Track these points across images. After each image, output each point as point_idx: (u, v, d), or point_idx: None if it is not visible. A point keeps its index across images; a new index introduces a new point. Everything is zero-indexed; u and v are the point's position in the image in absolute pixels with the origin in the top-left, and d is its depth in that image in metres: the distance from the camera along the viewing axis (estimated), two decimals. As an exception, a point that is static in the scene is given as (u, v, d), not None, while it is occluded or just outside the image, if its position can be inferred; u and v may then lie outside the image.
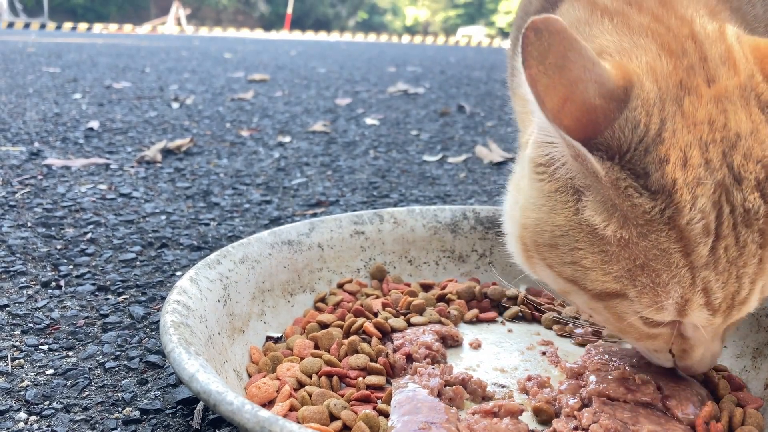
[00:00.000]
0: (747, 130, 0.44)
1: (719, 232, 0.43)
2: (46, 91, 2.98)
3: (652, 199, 0.44)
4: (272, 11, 24.54)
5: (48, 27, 15.05)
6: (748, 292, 0.45)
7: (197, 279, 0.65)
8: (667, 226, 0.44)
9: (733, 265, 0.44)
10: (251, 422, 0.43)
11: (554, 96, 0.43)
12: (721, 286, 0.44)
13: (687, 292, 0.45)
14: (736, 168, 0.44)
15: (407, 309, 0.74)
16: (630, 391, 0.56)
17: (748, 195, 0.43)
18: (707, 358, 0.52)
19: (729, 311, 0.46)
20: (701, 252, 0.43)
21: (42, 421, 0.60)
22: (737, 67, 0.46)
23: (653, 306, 0.46)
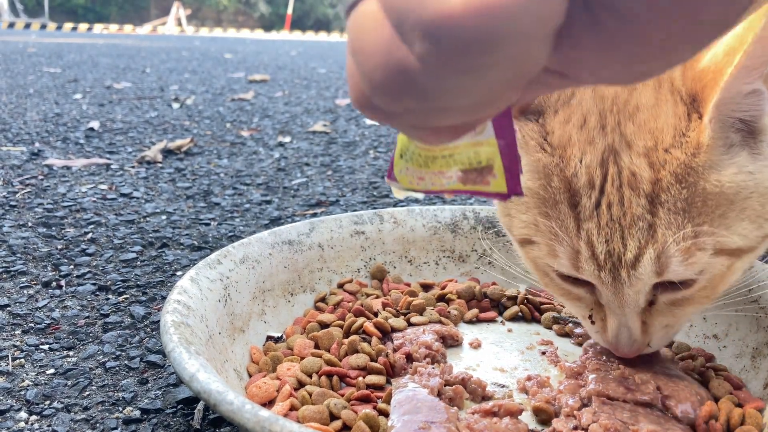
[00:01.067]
0: (648, 105, 0.48)
1: (603, 188, 0.48)
2: (47, 91, 2.98)
3: (551, 154, 0.50)
4: (272, 12, 24.53)
5: (48, 27, 15.05)
6: (635, 255, 0.48)
7: (198, 279, 0.65)
8: (558, 178, 0.49)
9: (617, 223, 0.48)
10: (251, 422, 0.43)
11: None
12: (603, 240, 0.48)
13: (574, 242, 0.49)
14: (629, 135, 0.48)
15: (407, 309, 0.74)
16: (630, 390, 0.56)
17: (635, 159, 0.47)
18: (624, 334, 0.54)
19: (617, 271, 0.49)
20: (585, 203, 0.48)
21: (42, 421, 0.60)
22: None
23: (551, 252, 0.51)
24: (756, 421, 0.54)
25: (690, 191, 0.47)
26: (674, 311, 0.53)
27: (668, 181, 0.47)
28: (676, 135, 0.47)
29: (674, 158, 0.47)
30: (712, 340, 0.70)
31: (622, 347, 0.55)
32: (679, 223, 0.47)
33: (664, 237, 0.47)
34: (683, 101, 0.48)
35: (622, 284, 0.50)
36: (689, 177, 0.47)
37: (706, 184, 0.47)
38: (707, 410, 0.54)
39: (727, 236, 0.48)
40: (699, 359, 0.66)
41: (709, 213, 0.47)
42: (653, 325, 0.54)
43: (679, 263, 0.48)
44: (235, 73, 4.30)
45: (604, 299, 0.53)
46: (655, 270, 0.48)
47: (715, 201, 0.47)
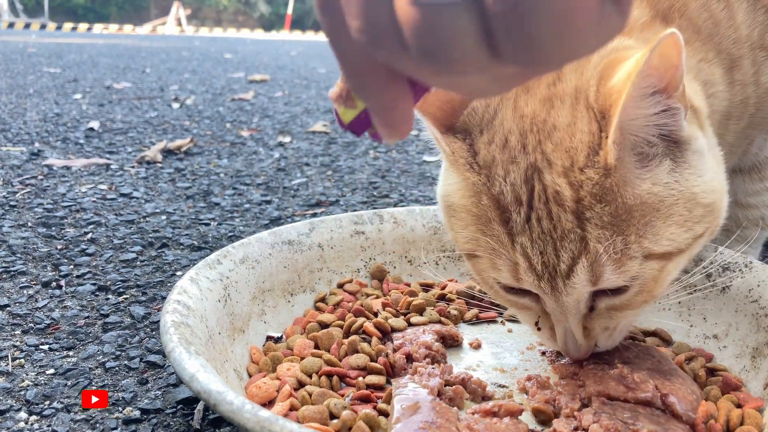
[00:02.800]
0: (564, 123, 0.49)
1: (531, 203, 0.50)
2: (47, 91, 2.98)
3: (478, 173, 0.52)
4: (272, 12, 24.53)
5: (48, 27, 15.05)
6: (568, 266, 0.49)
7: (198, 279, 0.65)
8: (487, 196, 0.51)
9: (548, 236, 0.49)
10: (251, 422, 0.43)
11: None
12: (537, 252, 0.50)
13: (511, 255, 0.51)
14: (548, 153, 0.49)
15: (407, 309, 0.74)
16: (629, 389, 0.56)
17: (556, 179, 0.49)
18: (571, 339, 0.56)
19: (554, 280, 0.51)
20: (515, 219, 0.50)
21: (42, 421, 0.60)
22: (583, 73, 0.52)
23: (493, 266, 0.53)
24: (756, 421, 0.54)
25: (612, 207, 0.48)
26: (614, 315, 0.55)
27: (589, 201, 0.48)
28: (590, 153, 0.48)
29: (588, 179, 0.48)
30: (712, 340, 0.70)
31: (571, 351, 0.57)
32: (607, 236, 0.48)
33: (595, 249, 0.48)
34: (596, 118, 0.49)
35: (560, 293, 0.51)
36: (607, 196, 0.48)
37: (624, 199, 0.48)
38: (704, 411, 0.54)
39: (655, 242, 0.49)
40: (699, 359, 0.66)
41: (635, 223, 0.48)
42: (594, 329, 0.56)
43: (611, 272, 0.49)
44: (235, 73, 4.30)
45: (548, 307, 0.55)
46: (590, 279, 0.50)
47: (639, 212, 0.48)
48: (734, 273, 0.71)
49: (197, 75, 4.13)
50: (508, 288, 0.55)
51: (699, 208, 0.51)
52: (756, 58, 0.67)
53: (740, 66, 0.66)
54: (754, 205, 0.82)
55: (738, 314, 0.68)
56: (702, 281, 0.73)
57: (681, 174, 0.50)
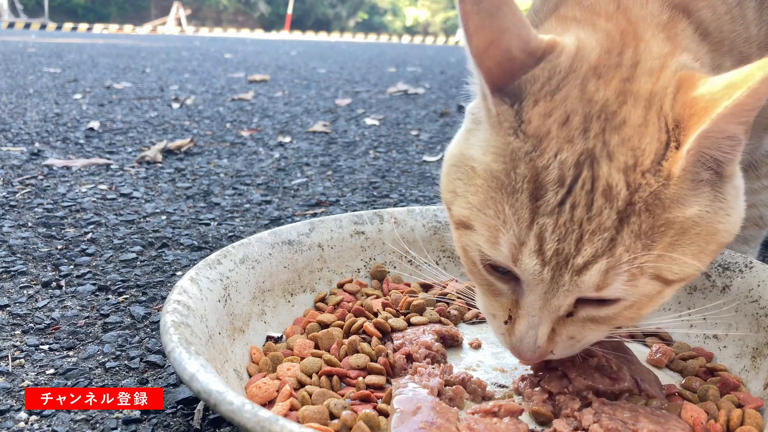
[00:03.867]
0: (635, 122, 0.48)
1: (572, 189, 0.47)
2: (47, 91, 2.98)
3: (523, 141, 0.49)
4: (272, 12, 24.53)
5: (48, 27, 15.05)
6: (585, 262, 0.47)
7: (198, 279, 0.65)
8: (527, 166, 0.48)
9: (578, 225, 0.47)
10: (251, 422, 0.43)
11: (482, 37, 0.49)
12: (556, 237, 0.47)
13: (522, 233, 0.48)
14: (612, 146, 0.47)
15: (407, 309, 0.74)
16: (613, 381, 0.57)
17: (614, 173, 0.47)
18: (530, 339, 0.52)
19: (560, 271, 0.48)
20: (550, 198, 0.47)
21: (42, 421, 0.60)
22: (659, 79, 0.51)
23: (491, 239, 0.50)
24: (756, 421, 0.54)
25: (655, 220, 0.47)
26: (589, 327, 0.53)
27: (639, 207, 0.47)
28: (656, 160, 0.47)
29: (648, 184, 0.47)
30: (712, 340, 0.70)
31: (524, 351, 0.54)
32: (637, 248, 0.47)
33: (620, 255, 0.47)
34: (666, 129, 0.48)
35: (558, 287, 0.49)
36: (656, 208, 0.47)
37: (669, 216, 0.47)
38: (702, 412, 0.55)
39: (669, 267, 0.48)
40: (699, 359, 0.66)
41: (665, 243, 0.47)
42: (561, 334, 0.53)
43: (622, 283, 0.48)
44: (235, 73, 4.30)
45: (526, 299, 0.52)
46: (597, 282, 0.48)
47: (673, 232, 0.47)
48: (734, 273, 0.71)
49: (197, 75, 4.13)
50: (493, 268, 0.53)
51: (714, 245, 0.50)
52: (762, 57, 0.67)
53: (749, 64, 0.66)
54: (752, 203, 0.82)
55: (738, 314, 0.68)
56: (702, 281, 0.73)
57: (714, 207, 0.49)
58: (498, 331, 0.56)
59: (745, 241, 0.86)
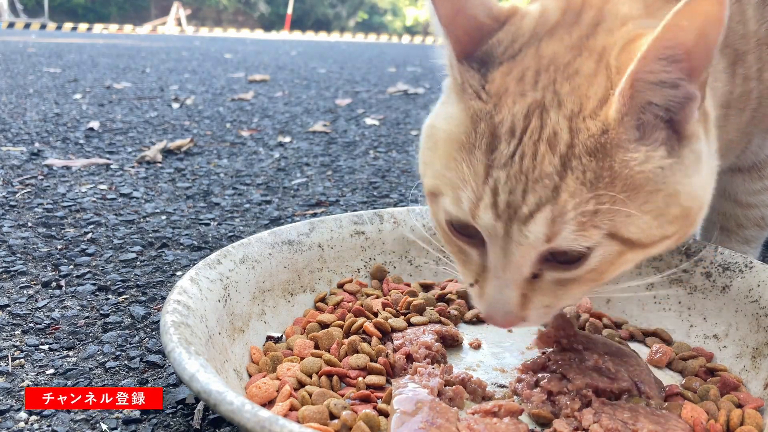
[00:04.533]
0: (586, 72, 0.49)
1: (522, 138, 0.48)
2: (47, 91, 2.98)
3: (485, 101, 0.51)
4: (272, 12, 24.53)
5: (48, 27, 15.05)
6: (531, 210, 0.48)
7: (198, 279, 0.65)
8: (486, 123, 0.50)
9: (524, 175, 0.48)
10: (251, 422, 0.43)
11: (448, 6, 0.51)
12: (507, 189, 0.48)
13: (480, 188, 0.49)
14: (563, 94, 0.49)
15: (407, 309, 0.74)
16: (612, 380, 0.57)
17: (560, 120, 0.48)
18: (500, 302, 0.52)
19: (510, 223, 0.49)
20: (503, 150, 0.49)
21: (42, 421, 0.60)
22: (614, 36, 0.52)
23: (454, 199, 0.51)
24: (756, 421, 0.54)
25: (599, 165, 0.47)
26: (557, 291, 0.53)
27: (581, 150, 0.47)
28: (598, 106, 0.48)
29: (587, 128, 0.47)
30: (712, 340, 0.70)
31: (496, 315, 0.54)
32: (582, 193, 0.47)
33: (564, 202, 0.47)
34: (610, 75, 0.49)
35: (512, 241, 0.49)
36: (598, 152, 0.47)
37: (613, 162, 0.47)
38: (702, 414, 0.55)
39: (625, 224, 0.48)
40: (699, 359, 0.66)
41: (614, 194, 0.47)
42: (534, 301, 0.53)
43: (570, 232, 0.47)
44: (235, 73, 4.30)
45: (490, 259, 0.52)
46: (545, 233, 0.48)
47: (622, 183, 0.47)
48: (734, 273, 0.71)
49: (197, 75, 4.13)
50: (460, 231, 0.53)
51: (676, 208, 0.50)
52: (762, 54, 0.67)
53: (744, 60, 0.66)
54: (754, 204, 0.82)
55: (738, 314, 0.68)
56: (702, 281, 0.73)
57: (671, 167, 0.49)
58: (474, 297, 0.56)
59: (746, 241, 0.86)
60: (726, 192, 0.83)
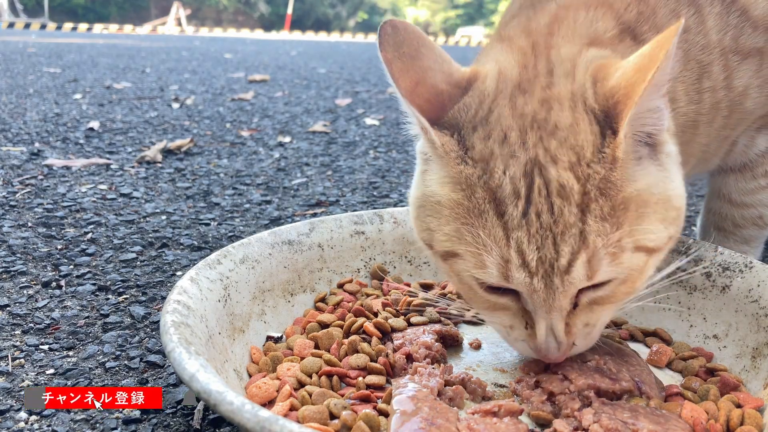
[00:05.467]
0: (566, 124, 0.52)
1: (530, 198, 0.50)
2: (47, 91, 2.98)
3: (473, 166, 0.52)
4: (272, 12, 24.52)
5: (48, 27, 15.05)
6: (568, 261, 0.50)
7: (198, 279, 0.65)
8: (483, 189, 0.52)
9: (548, 230, 0.50)
10: (251, 422, 0.43)
11: (407, 78, 0.54)
12: (534, 247, 0.50)
13: (503, 251, 0.51)
14: (552, 150, 0.51)
15: (407, 309, 0.74)
16: (614, 381, 0.57)
17: (562, 173, 0.50)
18: (551, 338, 0.54)
19: (549, 277, 0.51)
20: (512, 212, 0.50)
21: (42, 421, 0.60)
22: (575, 78, 0.55)
23: (478, 264, 0.52)
24: (756, 421, 0.54)
25: (613, 201, 0.50)
26: (594, 310, 0.55)
27: (595, 194, 0.50)
28: (595, 151, 0.50)
29: (596, 172, 0.50)
30: (712, 340, 0.70)
31: (551, 352, 0.55)
32: (606, 230, 0.49)
33: (594, 243, 0.49)
34: (597, 120, 0.51)
35: (555, 290, 0.51)
36: (610, 189, 0.50)
37: (624, 193, 0.50)
38: (701, 412, 0.55)
39: (644, 235, 0.51)
40: (699, 359, 0.66)
41: (630, 217, 0.50)
42: (575, 325, 0.55)
43: (607, 265, 0.50)
44: (235, 73, 4.30)
45: (531, 306, 0.54)
46: (587, 274, 0.50)
47: (635, 204, 0.51)
48: (734, 273, 0.71)
49: (197, 75, 4.13)
50: (490, 288, 0.54)
51: (673, 210, 0.53)
52: (728, 62, 0.68)
53: (710, 73, 0.67)
54: (750, 204, 0.82)
55: (738, 314, 0.68)
56: (702, 281, 0.73)
57: (659, 177, 0.53)
58: (518, 339, 0.58)
59: (745, 241, 0.86)
60: (720, 193, 0.84)
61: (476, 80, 0.56)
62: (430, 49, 0.55)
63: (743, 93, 0.70)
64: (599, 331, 0.58)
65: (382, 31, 0.55)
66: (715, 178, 0.84)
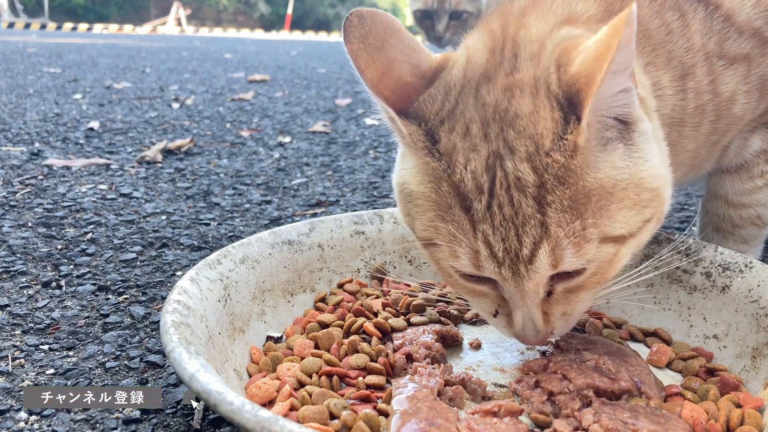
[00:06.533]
0: (526, 112, 0.51)
1: (493, 191, 0.50)
2: (47, 91, 2.98)
3: (438, 160, 0.52)
4: (272, 12, 24.53)
5: (48, 27, 15.05)
6: (531, 251, 0.50)
7: (198, 279, 0.65)
8: (447, 183, 0.52)
9: (510, 222, 0.50)
10: (251, 422, 0.43)
11: (373, 70, 0.53)
12: (499, 239, 0.51)
13: (472, 243, 0.52)
14: (510, 141, 0.50)
15: (407, 309, 0.74)
16: (612, 380, 0.57)
17: (519, 164, 0.50)
18: (530, 325, 0.56)
19: (515, 267, 0.52)
20: (476, 207, 0.51)
21: (42, 421, 0.60)
22: (540, 61, 0.53)
23: (452, 254, 0.53)
24: (756, 421, 0.54)
25: (572, 190, 0.50)
26: (570, 298, 0.56)
27: (552, 184, 0.49)
28: (555, 138, 0.50)
29: (554, 161, 0.49)
30: (712, 340, 0.70)
31: (528, 337, 0.57)
32: (568, 220, 0.50)
33: (556, 233, 0.50)
34: (560, 106, 0.50)
35: (522, 278, 0.52)
36: (569, 178, 0.50)
37: (585, 182, 0.50)
38: (701, 412, 0.55)
39: (610, 226, 0.51)
40: (699, 359, 0.66)
41: (593, 207, 0.50)
42: (553, 314, 0.56)
43: (571, 255, 0.50)
44: (235, 73, 4.30)
45: (506, 293, 0.55)
46: (551, 263, 0.51)
47: (596, 195, 0.50)
48: (734, 273, 0.71)
49: (197, 75, 4.13)
50: (467, 276, 0.56)
51: (646, 193, 0.53)
52: (712, 66, 0.68)
53: (693, 74, 0.67)
54: (748, 204, 0.82)
55: (738, 314, 0.68)
56: (702, 281, 0.73)
57: (630, 158, 0.52)
58: (499, 325, 0.60)
59: (744, 240, 0.86)
60: (717, 194, 0.84)
61: (443, 69, 0.55)
62: (398, 39, 0.54)
63: (731, 99, 0.70)
64: (576, 318, 0.59)
65: (347, 23, 0.54)
66: (712, 179, 0.85)
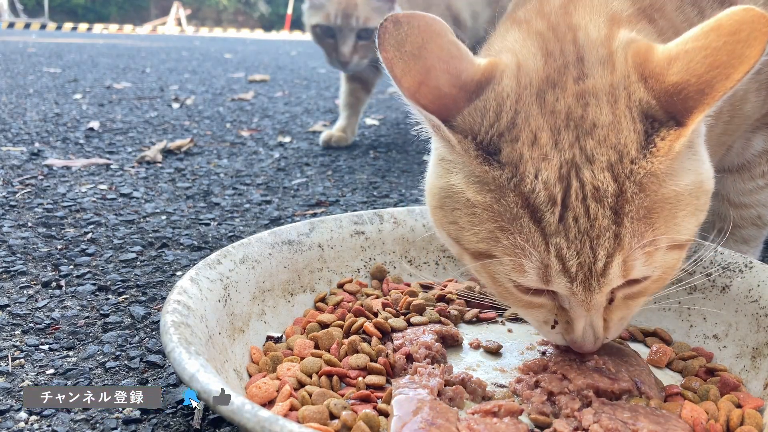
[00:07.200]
0: (606, 122, 0.49)
1: (566, 203, 0.48)
2: (47, 91, 2.98)
3: (500, 169, 0.50)
4: (272, 12, 24.52)
5: (48, 27, 15.05)
6: (604, 264, 0.49)
7: (198, 279, 0.65)
8: (514, 193, 0.49)
9: (585, 235, 0.49)
10: (251, 422, 0.43)
11: (410, 78, 0.50)
12: (574, 254, 0.49)
13: (543, 256, 0.50)
14: (588, 150, 0.49)
15: (407, 309, 0.74)
16: (613, 381, 0.58)
17: (598, 174, 0.48)
18: (590, 333, 0.55)
19: (588, 281, 0.50)
20: (549, 219, 0.49)
21: (42, 421, 0.60)
22: (615, 68, 0.51)
23: (516, 268, 0.51)
24: (756, 421, 0.54)
25: (651, 199, 0.48)
26: (629, 304, 0.55)
27: (632, 192, 0.48)
28: (639, 148, 0.48)
29: (641, 167, 0.48)
30: (712, 340, 0.70)
31: (587, 345, 0.56)
32: (642, 230, 0.49)
33: (630, 244, 0.49)
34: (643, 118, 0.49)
35: (592, 291, 0.51)
36: (652, 185, 0.48)
37: (664, 190, 0.49)
38: (701, 412, 0.55)
39: (677, 232, 0.50)
40: (699, 359, 0.66)
41: (665, 215, 0.49)
42: (612, 320, 0.56)
43: (641, 264, 0.50)
44: (235, 73, 4.30)
45: (568, 304, 0.54)
46: (621, 274, 0.50)
47: (670, 204, 0.49)
48: (734, 273, 0.71)
49: (197, 75, 4.13)
50: (525, 288, 0.54)
51: (704, 196, 0.52)
52: None
53: None
54: (749, 204, 0.82)
55: (738, 314, 0.68)
56: (702, 281, 0.73)
57: (694, 161, 0.51)
58: (552, 334, 0.59)
59: (745, 241, 0.86)
60: (718, 194, 0.84)
61: (491, 80, 0.52)
62: (437, 45, 0.50)
63: (743, 97, 0.70)
64: (628, 321, 0.59)
65: (382, 29, 0.50)
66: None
